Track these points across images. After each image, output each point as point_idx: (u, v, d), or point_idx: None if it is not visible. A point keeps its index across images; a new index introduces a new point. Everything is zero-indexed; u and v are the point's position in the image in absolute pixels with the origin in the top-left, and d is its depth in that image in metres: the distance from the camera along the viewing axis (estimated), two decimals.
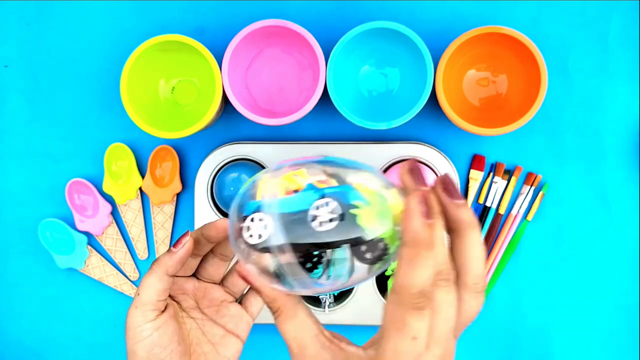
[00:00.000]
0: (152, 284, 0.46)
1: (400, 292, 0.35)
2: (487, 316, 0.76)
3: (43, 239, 0.75)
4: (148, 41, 0.67)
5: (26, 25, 0.76)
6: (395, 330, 0.36)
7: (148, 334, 0.45)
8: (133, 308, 0.46)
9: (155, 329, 0.46)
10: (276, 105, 0.73)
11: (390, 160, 0.73)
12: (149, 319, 0.45)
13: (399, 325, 0.36)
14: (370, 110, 0.71)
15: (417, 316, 0.35)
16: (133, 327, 0.45)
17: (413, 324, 0.35)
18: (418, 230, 0.35)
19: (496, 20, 0.74)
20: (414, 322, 0.35)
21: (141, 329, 0.45)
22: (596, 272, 0.76)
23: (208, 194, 0.73)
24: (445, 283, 0.37)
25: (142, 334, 0.45)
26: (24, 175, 0.77)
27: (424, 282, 0.35)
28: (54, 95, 0.76)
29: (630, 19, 0.74)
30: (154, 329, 0.46)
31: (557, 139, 0.75)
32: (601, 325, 0.76)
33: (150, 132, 0.67)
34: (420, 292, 0.35)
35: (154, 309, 0.46)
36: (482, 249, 0.38)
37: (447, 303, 0.37)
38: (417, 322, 0.35)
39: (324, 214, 0.35)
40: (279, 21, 0.66)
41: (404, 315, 0.35)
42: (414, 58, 0.68)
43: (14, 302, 0.78)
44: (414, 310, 0.35)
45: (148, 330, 0.45)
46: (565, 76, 0.75)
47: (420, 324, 0.36)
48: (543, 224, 0.76)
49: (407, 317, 0.35)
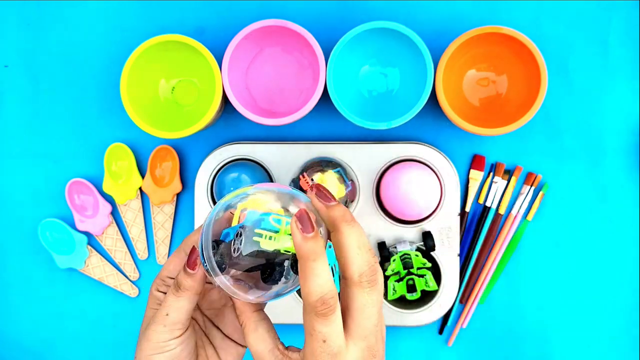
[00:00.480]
0: (184, 306, 0.45)
1: (305, 302, 0.40)
2: (487, 316, 0.76)
3: (43, 239, 0.75)
4: (148, 41, 0.67)
5: (26, 26, 0.76)
6: (308, 336, 0.41)
7: (171, 348, 0.46)
8: (160, 325, 0.45)
9: (180, 344, 0.46)
10: (276, 105, 0.73)
11: (390, 160, 0.73)
12: (175, 336, 0.46)
13: (310, 331, 0.40)
14: (370, 110, 0.71)
15: (322, 322, 0.40)
16: (156, 341, 0.45)
17: (320, 329, 0.40)
18: (300, 245, 0.39)
19: (496, 20, 0.74)
20: (321, 327, 0.40)
21: (165, 344, 0.45)
22: (596, 272, 0.76)
23: (208, 194, 0.73)
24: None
25: (166, 347, 0.45)
26: (24, 175, 0.77)
27: (320, 290, 0.39)
28: (54, 95, 0.76)
29: (630, 19, 0.74)
30: (178, 344, 0.46)
31: (557, 139, 0.75)
32: (601, 325, 0.76)
33: (150, 132, 0.67)
34: (320, 300, 0.39)
35: (182, 327, 0.46)
36: (360, 240, 0.41)
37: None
38: (323, 327, 0.40)
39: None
40: (279, 21, 0.66)
41: (312, 323, 0.40)
42: (414, 58, 0.68)
43: (14, 302, 0.78)
44: (319, 317, 0.40)
45: (172, 345, 0.46)
46: (565, 76, 0.75)
47: (326, 329, 0.40)
48: (543, 224, 0.76)
49: (315, 324, 0.40)
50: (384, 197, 0.72)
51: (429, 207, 0.71)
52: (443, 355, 0.77)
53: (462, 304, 0.77)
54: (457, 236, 0.73)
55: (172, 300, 0.45)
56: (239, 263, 0.41)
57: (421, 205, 0.70)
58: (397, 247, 0.72)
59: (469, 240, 0.76)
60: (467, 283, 0.76)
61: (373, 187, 0.73)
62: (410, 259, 0.70)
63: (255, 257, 0.41)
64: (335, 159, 0.71)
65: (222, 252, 0.42)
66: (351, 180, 0.69)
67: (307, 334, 0.41)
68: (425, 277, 0.71)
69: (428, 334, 0.77)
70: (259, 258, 0.41)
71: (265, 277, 0.42)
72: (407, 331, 0.76)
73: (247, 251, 0.41)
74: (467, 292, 0.76)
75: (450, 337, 0.76)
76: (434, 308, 0.73)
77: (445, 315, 0.76)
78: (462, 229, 0.75)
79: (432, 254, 0.73)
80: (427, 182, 0.70)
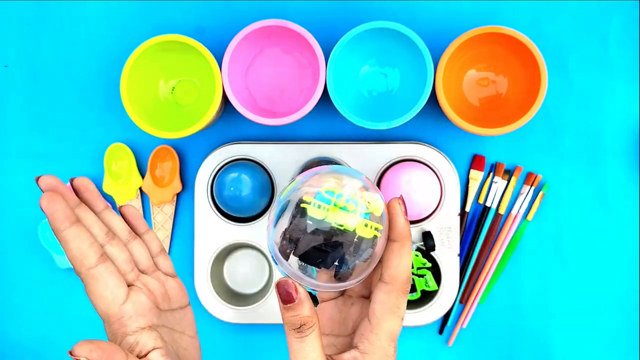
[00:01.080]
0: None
1: (393, 282, 0.41)
2: (487, 316, 0.76)
3: (43, 239, 0.75)
4: (148, 41, 0.67)
5: (26, 25, 0.76)
6: (390, 314, 0.41)
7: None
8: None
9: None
10: (276, 105, 0.73)
11: (390, 160, 0.73)
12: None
13: (393, 309, 0.41)
14: (370, 110, 0.71)
15: (404, 299, 0.42)
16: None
17: (402, 306, 0.42)
18: (404, 224, 0.41)
19: (496, 20, 0.74)
20: (403, 304, 0.42)
21: None
22: (596, 272, 0.76)
23: (208, 194, 0.73)
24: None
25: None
26: (24, 175, 0.77)
27: (409, 270, 0.42)
28: (54, 95, 0.76)
29: (630, 19, 0.74)
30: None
31: (557, 139, 0.75)
32: (601, 325, 0.76)
33: (150, 132, 0.67)
34: (409, 278, 0.42)
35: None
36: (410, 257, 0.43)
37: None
38: (404, 304, 0.42)
39: None
40: (279, 21, 0.67)
41: (397, 300, 0.41)
42: (414, 58, 0.68)
43: (14, 302, 0.78)
44: (404, 294, 0.42)
45: None
46: (565, 76, 0.75)
47: (404, 305, 0.42)
48: (543, 224, 0.76)
49: (400, 301, 0.41)
50: (384, 197, 0.71)
51: (429, 207, 0.71)
52: (443, 355, 0.77)
53: (462, 304, 0.77)
54: (457, 236, 0.73)
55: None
56: (300, 240, 0.40)
57: (421, 205, 0.70)
58: None
59: (469, 240, 0.76)
60: (467, 283, 0.76)
61: None
62: None
63: (313, 234, 0.40)
64: (335, 159, 0.71)
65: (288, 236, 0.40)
66: None
67: (387, 313, 0.41)
68: (425, 277, 0.71)
69: (428, 334, 0.77)
70: (317, 235, 0.40)
71: (323, 259, 0.40)
72: (407, 331, 0.76)
73: (301, 225, 0.40)
74: (467, 292, 0.76)
75: (450, 337, 0.76)
76: (434, 308, 0.73)
77: (445, 315, 0.76)
78: (462, 229, 0.75)
79: (432, 254, 0.73)
80: (427, 182, 0.70)
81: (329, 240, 0.40)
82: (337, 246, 0.40)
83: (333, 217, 0.40)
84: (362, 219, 0.40)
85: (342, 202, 0.40)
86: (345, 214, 0.40)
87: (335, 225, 0.40)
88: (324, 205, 0.40)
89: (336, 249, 0.40)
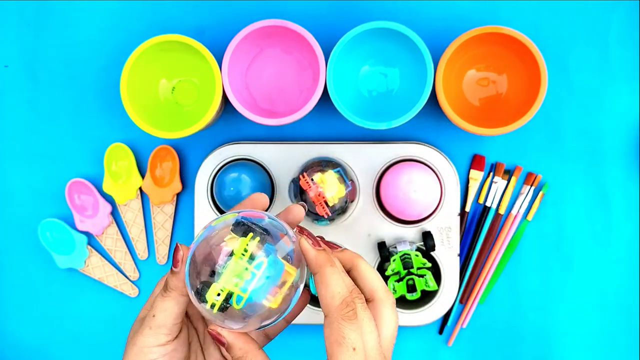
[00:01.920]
0: (169, 308, 0.44)
1: (328, 311, 0.41)
2: (487, 316, 0.76)
3: (43, 239, 0.75)
4: (148, 41, 0.67)
5: (26, 26, 0.76)
6: (337, 346, 0.40)
7: (154, 357, 0.44)
8: (147, 328, 0.44)
9: (163, 354, 0.44)
10: (276, 105, 0.73)
11: (390, 160, 0.73)
12: (160, 342, 0.44)
13: (338, 340, 0.40)
14: (370, 110, 0.71)
15: (349, 326, 0.40)
16: (140, 346, 0.44)
17: (349, 335, 0.40)
18: (315, 256, 0.42)
19: (496, 20, 0.74)
20: (349, 332, 0.40)
21: (149, 350, 0.44)
22: (596, 272, 0.76)
23: (208, 194, 0.73)
24: (359, 300, 0.42)
25: (149, 356, 0.44)
26: (24, 175, 0.77)
27: (342, 292, 0.41)
28: (54, 95, 0.76)
29: (630, 19, 0.74)
30: (161, 354, 0.44)
31: (557, 139, 0.75)
32: (601, 325, 0.76)
33: (150, 132, 0.67)
34: (344, 302, 0.40)
35: (168, 333, 0.44)
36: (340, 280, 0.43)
37: (367, 318, 0.42)
38: (351, 332, 0.40)
39: None
40: (279, 21, 0.67)
41: (340, 329, 0.40)
42: (414, 58, 0.68)
43: (14, 302, 0.78)
44: (345, 321, 0.40)
45: (155, 354, 0.44)
46: (565, 76, 0.75)
47: (354, 334, 0.40)
48: (543, 224, 0.76)
49: (342, 329, 0.40)
50: (384, 197, 0.72)
51: (429, 207, 0.71)
52: (443, 355, 0.77)
53: (462, 304, 0.77)
54: (457, 236, 0.73)
55: (159, 301, 0.44)
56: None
57: (421, 205, 0.70)
58: (397, 247, 0.72)
59: (469, 240, 0.76)
60: (467, 283, 0.76)
61: (373, 187, 0.73)
62: (410, 259, 0.70)
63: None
64: (335, 159, 0.71)
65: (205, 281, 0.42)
66: (351, 180, 0.69)
67: (334, 346, 0.40)
68: (425, 277, 0.71)
69: (428, 334, 0.77)
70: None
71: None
72: (407, 331, 0.76)
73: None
74: (467, 292, 0.76)
75: (450, 337, 0.76)
76: (434, 308, 0.73)
77: (445, 315, 0.76)
78: (462, 229, 0.75)
79: (432, 254, 0.73)
80: (427, 182, 0.70)
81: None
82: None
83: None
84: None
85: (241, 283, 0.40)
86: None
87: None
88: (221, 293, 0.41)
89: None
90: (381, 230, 0.73)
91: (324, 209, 0.66)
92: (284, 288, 0.41)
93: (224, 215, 0.43)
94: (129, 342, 0.45)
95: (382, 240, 0.73)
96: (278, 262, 0.41)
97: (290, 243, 0.42)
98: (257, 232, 0.41)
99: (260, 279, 0.40)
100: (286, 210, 0.48)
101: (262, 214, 0.44)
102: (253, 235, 0.41)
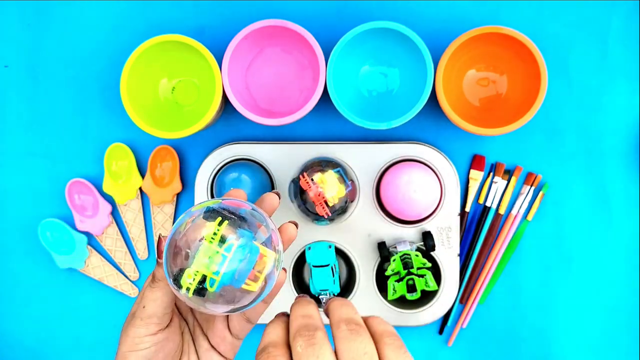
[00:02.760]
0: (158, 298, 0.45)
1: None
2: (487, 316, 0.76)
3: (43, 239, 0.75)
4: (148, 41, 0.67)
5: (26, 26, 0.76)
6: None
7: (146, 347, 0.45)
8: (137, 319, 0.45)
9: (154, 343, 0.45)
10: (276, 105, 0.73)
11: (390, 160, 0.73)
12: (151, 332, 0.45)
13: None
14: (370, 110, 0.71)
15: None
16: (132, 336, 0.45)
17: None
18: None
19: (496, 20, 0.74)
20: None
21: (141, 340, 0.45)
22: (596, 272, 0.76)
23: (208, 194, 0.73)
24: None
25: (140, 345, 0.45)
26: (24, 175, 0.77)
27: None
28: (54, 95, 0.76)
29: (630, 19, 0.74)
30: (153, 343, 0.45)
31: (557, 139, 0.75)
32: (601, 325, 0.76)
33: (150, 132, 0.67)
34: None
35: (158, 322, 0.45)
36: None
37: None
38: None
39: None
40: (279, 21, 0.67)
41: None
42: (414, 58, 0.68)
43: (14, 302, 0.78)
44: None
45: (147, 343, 0.45)
46: (565, 76, 0.75)
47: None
48: (543, 224, 0.76)
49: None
50: (384, 197, 0.72)
51: (429, 207, 0.71)
52: (443, 355, 0.77)
53: (462, 304, 0.77)
54: (457, 236, 0.73)
55: (148, 292, 0.45)
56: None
57: (421, 205, 0.70)
58: (397, 247, 0.72)
59: (469, 240, 0.76)
60: (467, 283, 0.76)
61: (373, 187, 0.73)
62: (410, 259, 0.70)
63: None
64: (335, 159, 0.71)
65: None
66: (351, 180, 0.69)
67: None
68: (425, 277, 0.71)
69: (428, 334, 0.77)
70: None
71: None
72: (407, 331, 0.76)
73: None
74: (467, 292, 0.76)
75: (450, 337, 0.76)
76: (434, 308, 0.73)
77: (445, 315, 0.76)
78: (462, 229, 0.75)
79: (432, 254, 0.73)
80: (427, 182, 0.70)
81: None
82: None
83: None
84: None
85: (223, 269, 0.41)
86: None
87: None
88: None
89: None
90: (381, 230, 0.73)
91: (324, 209, 0.66)
92: (263, 272, 0.42)
93: (205, 202, 0.44)
94: (122, 334, 0.46)
95: (382, 240, 0.73)
96: (252, 246, 0.42)
97: (268, 230, 0.43)
98: (227, 217, 0.42)
99: (232, 262, 0.41)
100: (260, 198, 0.49)
101: (244, 203, 0.44)
102: (221, 220, 0.42)
